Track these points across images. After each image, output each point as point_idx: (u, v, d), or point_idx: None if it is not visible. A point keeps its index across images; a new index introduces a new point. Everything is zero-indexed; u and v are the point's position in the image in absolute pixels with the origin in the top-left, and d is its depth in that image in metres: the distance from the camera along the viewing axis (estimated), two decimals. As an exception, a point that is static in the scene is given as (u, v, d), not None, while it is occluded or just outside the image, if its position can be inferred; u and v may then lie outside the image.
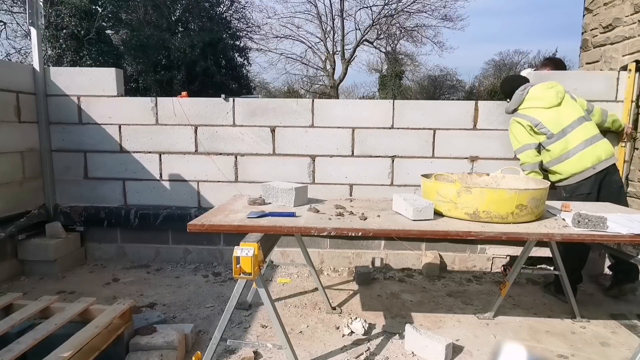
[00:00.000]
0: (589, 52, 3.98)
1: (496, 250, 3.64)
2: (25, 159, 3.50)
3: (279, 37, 19.69)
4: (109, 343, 2.01)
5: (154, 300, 3.00)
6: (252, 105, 3.58)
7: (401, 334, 2.49)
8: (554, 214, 2.25)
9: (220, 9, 15.16)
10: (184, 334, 2.27)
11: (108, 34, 12.11)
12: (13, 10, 11.54)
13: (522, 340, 2.50)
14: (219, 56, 13.82)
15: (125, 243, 3.82)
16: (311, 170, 3.61)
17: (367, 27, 19.38)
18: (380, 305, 2.96)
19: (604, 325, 2.68)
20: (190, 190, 3.70)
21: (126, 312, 2.18)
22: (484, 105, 3.47)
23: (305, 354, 2.31)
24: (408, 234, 1.97)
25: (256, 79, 19.53)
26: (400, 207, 2.19)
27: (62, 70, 3.74)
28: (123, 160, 3.68)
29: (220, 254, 3.79)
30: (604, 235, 1.92)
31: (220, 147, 3.63)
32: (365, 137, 3.53)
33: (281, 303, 2.96)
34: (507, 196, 1.99)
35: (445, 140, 3.50)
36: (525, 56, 22.48)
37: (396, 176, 3.57)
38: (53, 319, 2.02)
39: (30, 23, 3.53)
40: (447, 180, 2.26)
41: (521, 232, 1.95)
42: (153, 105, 3.61)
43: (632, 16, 3.40)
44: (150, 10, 12.60)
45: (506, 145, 3.46)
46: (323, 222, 2.01)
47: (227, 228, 1.96)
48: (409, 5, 18.75)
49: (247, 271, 1.83)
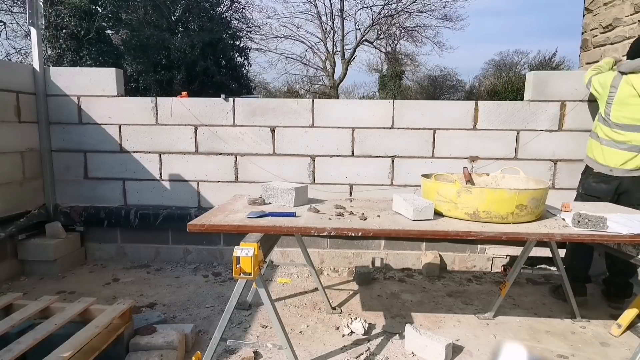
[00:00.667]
0: (589, 52, 3.98)
1: (496, 250, 3.64)
2: (25, 159, 3.50)
3: (279, 37, 19.71)
4: (109, 343, 2.01)
5: (154, 300, 3.00)
6: (252, 105, 3.58)
7: (401, 334, 2.49)
8: (554, 214, 2.25)
9: (220, 9, 15.16)
10: (184, 334, 2.27)
11: (108, 34, 12.12)
12: (13, 10, 11.54)
13: (522, 340, 2.50)
14: (219, 56, 13.82)
15: (125, 243, 3.82)
16: (311, 170, 3.61)
17: (367, 27, 19.39)
18: (380, 305, 2.96)
19: (604, 325, 2.68)
20: (190, 190, 3.70)
21: (126, 312, 2.18)
22: (484, 105, 3.47)
23: (305, 354, 2.31)
24: (408, 234, 1.97)
25: (256, 79, 19.54)
26: (400, 207, 2.19)
27: (62, 70, 3.74)
28: (123, 160, 3.68)
29: (220, 254, 3.79)
30: (604, 235, 1.92)
31: (220, 147, 3.63)
32: (365, 137, 3.53)
33: (281, 303, 2.96)
34: (507, 196, 1.99)
35: (445, 140, 3.50)
36: (525, 56, 22.51)
37: (396, 176, 3.57)
38: (53, 319, 2.02)
39: (30, 23, 3.52)
40: (447, 180, 2.26)
41: (521, 232, 1.95)
42: (153, 105, 3.61)
43: (632, 16, 3.40)
44: (150, 10, 12.60)
45: (506, 145, 3.47)
46: (323, 222, 2.01)
47: (227, 228, 1.96)
48: (409, 5, 18.76)
49: (247, 271, 1.83)
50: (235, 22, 16.02)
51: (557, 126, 3.42)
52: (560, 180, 3.49)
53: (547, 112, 3.40)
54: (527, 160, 3.45)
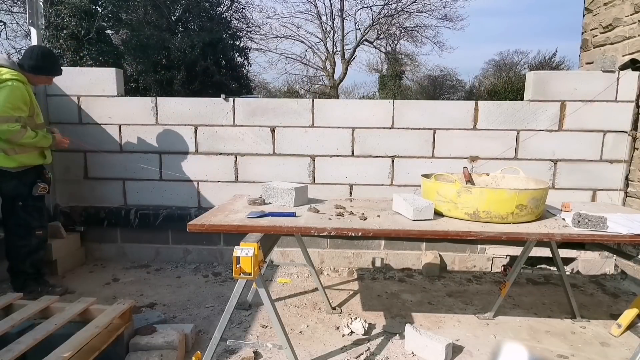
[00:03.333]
0: (589, 52, 3.98)
1: (496, 250, 3.64)
2: (25, 159, 3.49)
3: (279, 37, 19.68)
4: (109, 343, 2.01)
5: (154, 300, 3.00)
6: (252, 105, 3.58)
7: (401, 334, 2.49)
8: (554, 214, 2.25)
9: (220, 9, 15.15)
10: (184, 334, 2.27)
11: (108, 34, 12.12)
12: (13, 10, 11.54)
13: (522, 340, 2.50)
14: (219, 56, 13.82)
15: (125, 243, 3.81)
16: (311, 170, 3.61)
17: (367, 27, 19.37)
18: (380, 305, 2.96)
19: (604, 325, 2.68)
20: (190, 190, 3.70)
21: (126, 312, 2.18)
22: (484, 105, 3.47)
23: (305, 354, 2.31)
24: (408, 234, 1.97)
25: (256, 79, 19.52)
26: (400, 207, 2.19)
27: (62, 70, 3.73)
28: (123, 160, 3.68)
29: (220, 254, 3.79)
30: (604, 235, 1.92)
31: (220, 147, 3.63)
32: (365, 137, 3.53)
33: (281, 303, 2.96)
34: (507, 196, 1.99)
35: (445, 140, 3.50)
36: (525, 56, 22.47)
37: (396, 176, 3.57)
38: (53, 319, 2.02)
39: (30, 23, 3.52)
40: (447, 180, 2.26)
41: (521, 232, 1.95)
42: (153, 105, 3.61)
43: (632, 16, 3.40)
44: (150, 10, 12.58)
45: (506, 145, 3.47)
46: (323, 222, 2.01)
47: (227, 228, 1.97)
48: (409, 5, 18.74)
49: (247, 271, 1.83)
50: (235, 22, 16.01)
51: (557, 126, 3.42)
52: (560, 180, 3.49)
53: (547, 112, 3.40)
54: (527, 160, 3.45)
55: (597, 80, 3.37)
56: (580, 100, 3.38)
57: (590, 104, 3.38)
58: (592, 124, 3.41)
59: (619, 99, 3.37)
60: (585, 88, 3.36)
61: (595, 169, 3.46)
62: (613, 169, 3.45)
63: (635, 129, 3.37)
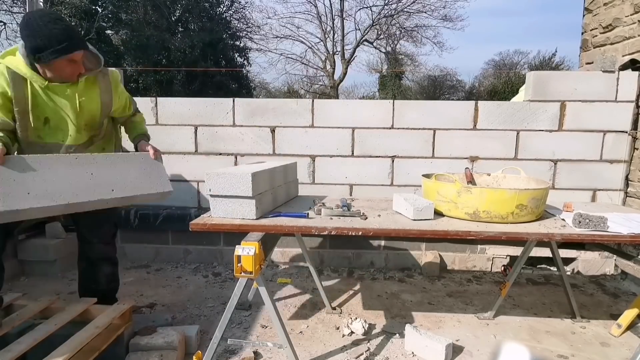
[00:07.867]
0: (589, 52, 3.98)
1: (496, 250, 3.64)
2: (25, 159, 3.49)
3: (279, 37, 19.68)
4: (108, 343, 2.01)
5: (154, 300, 3.00)
6: (252, 105, 3.58)
7: (401, 334, 2.49)
8: (554, 214, 2.25)
9: (220, 9, 15.17)
10: (184, 335, 2.26)
11: (108, 34, 12.13)
12: (13, 10, 11.55)
13: (522, 340, 2.50)
14: (219, 56, 13.83)
15: (125, 243, 3.81)
16: (311, 170, 3.61)
17: (367, 27, 19.39)
18: (380, 305, 2.96)
19: (604, 325, 2.68)
20: (190, 190, 3.70)
21: (126, 312, 2.18)
22: (484, 105, 3.47)
23: (305, 354, 2.30)
24: (408, 234, 1.97)
25: (256, 79, 19.54)
26: (401, 206, 2.19)
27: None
28: (123, 160, 3.68)
29: (220, 254, 3.78)
30: (604, 235, 1.92)
31: (220, 147, 3.63)
32: (365, 137, 3.53)
33: (281, 303, 2.96)
34: (507, 196, 1.99)
35: (445, 140, 3.50)
36: (525, 56, 22.48)
37: (396, 176, 3.57)
38: (53, 319, 2.02)
39: (30, 23, 3.51)
40: (447, 180, 2.26)
41: (521, 232, 1.95)
42: (153, 105, 3.61)
43: (632, 16, 3.40)
44: (150, 10, 12.60)
45: (506, 145, 3.47)
46: (323, 222, 2.01)
47: (229, 227, 1.97)
48: (409, 5, 18.77)
49: (248, 270, 1.84)
50: (235, 22, 16.03)
51: (557, 126, 3.42)
52: (560, 180, 3.49)
53: (547, 112, 3.40)
54: (527, 160, 3.45)
55: (597, 81, 3.37)
56: (580, 100, 3.38)
57: (590, 104, 3.38)
58: (592, 124, 3.41)
59: (618, 99, 3.37)
60: (585, 88, 3.36)
61: (595, 169, 3.46)
62: (613, 169, 3.45)
63: (635, 129, 3.37)
